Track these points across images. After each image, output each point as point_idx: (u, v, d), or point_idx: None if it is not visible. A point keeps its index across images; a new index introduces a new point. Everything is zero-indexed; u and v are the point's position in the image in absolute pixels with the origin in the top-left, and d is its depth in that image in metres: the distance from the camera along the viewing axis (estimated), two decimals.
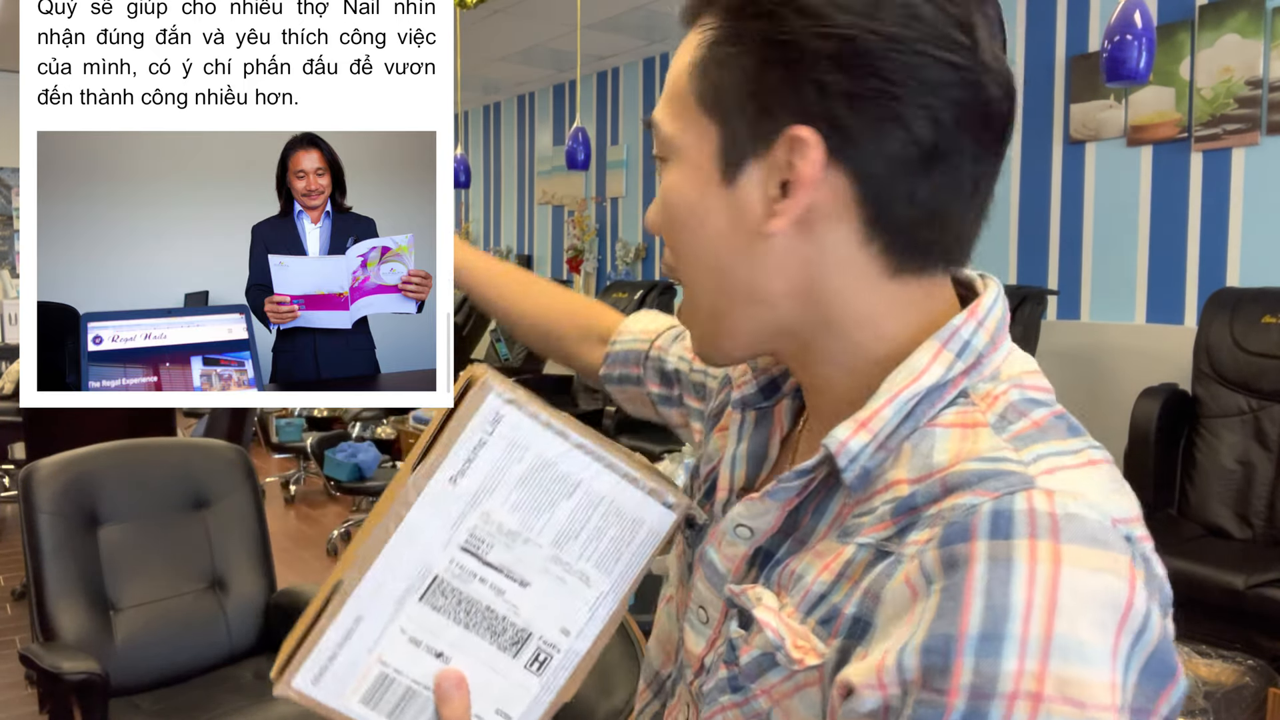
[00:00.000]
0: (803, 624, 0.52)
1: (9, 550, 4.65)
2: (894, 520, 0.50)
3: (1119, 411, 3.36)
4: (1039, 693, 0.41)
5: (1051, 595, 0.42)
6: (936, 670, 0.43)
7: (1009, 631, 0.42)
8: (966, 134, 0.52)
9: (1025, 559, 0.43)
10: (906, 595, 0.46)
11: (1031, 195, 4.13)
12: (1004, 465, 0.47)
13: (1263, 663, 2.44)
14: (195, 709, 2.12)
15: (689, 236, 0.57)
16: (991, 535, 0.44)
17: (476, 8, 5.00)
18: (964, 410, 0.52)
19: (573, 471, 0.55)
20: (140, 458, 2.42)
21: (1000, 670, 0.41)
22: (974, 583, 0.43)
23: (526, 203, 7.68)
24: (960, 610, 0.43)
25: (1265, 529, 2.94)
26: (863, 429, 0.52)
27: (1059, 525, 0.44)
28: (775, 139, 0.52)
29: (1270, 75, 3.36)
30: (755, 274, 0.55)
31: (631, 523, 0.57)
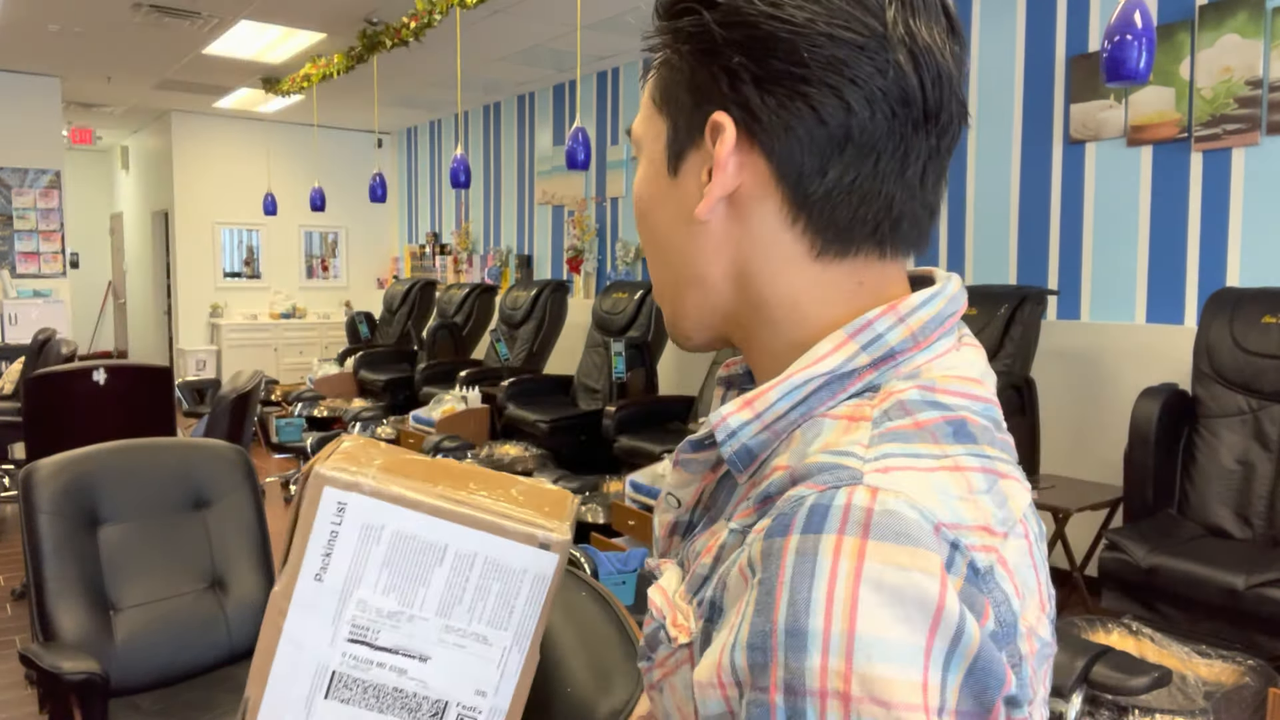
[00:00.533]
0: (689, 603, 0.53)
1: (9, 550, 4.64)
2: (756, 507, 0.50)
3: (1119, 411, 3.36)
4: (846, 692, 0.41)
5: (853, 591, 0.42)
6: (758, 666, 0.43)
7: (811, 627, 0.42)
8: (879, 113, 0.51)
9: (829, 554, 0.43)
10: (739, 583, 0.47)
11: (1031, 195, 4.13)
12: (843, 460, 0.47)
13: (1263, 663, 2.44)
14: (195, 709, 2.12)
15: (646, 226, 0.61)
16: (804, 530, 0.44)
17: (476, 8, 5.00)
18: (858, 404, 0.51)
19: (436, 539, 0.54)
20: (140, 458, 2.42)
21: (805, 666, 0.41)
22: (783, 577, 0.43)
23: (526, 203, 7.67)
24: (772, 605, 0.43)
25: (1265, 529, 2.93)
26: (746, 407, 0.53)
27: (871, 522, 0.43)
28: (703, 128, 0.55)
29: (1270, 75, 3.36)
30: (695, 258, 0.58)
31: (514, 573, 0.55)
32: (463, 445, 4.82)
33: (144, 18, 5.80)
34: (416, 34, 5.40)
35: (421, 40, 5.50)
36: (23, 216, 7.65)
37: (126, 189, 11.06)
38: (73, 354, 5.75)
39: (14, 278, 7.61)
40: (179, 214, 9.08)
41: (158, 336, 10.25)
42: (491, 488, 0.56)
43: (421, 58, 6.21)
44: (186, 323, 9.28)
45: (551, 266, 7.40)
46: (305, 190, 8.61)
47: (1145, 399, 3.11)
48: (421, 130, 9.37)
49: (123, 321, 11.71)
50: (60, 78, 7.62)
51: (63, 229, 7.84)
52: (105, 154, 11.96)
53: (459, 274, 8.43)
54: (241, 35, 6.18)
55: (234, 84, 7.71)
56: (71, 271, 8.15)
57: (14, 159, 7.57)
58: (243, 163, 9.33)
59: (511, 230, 7.90)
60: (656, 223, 0.60)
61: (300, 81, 6.90)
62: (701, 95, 0.55)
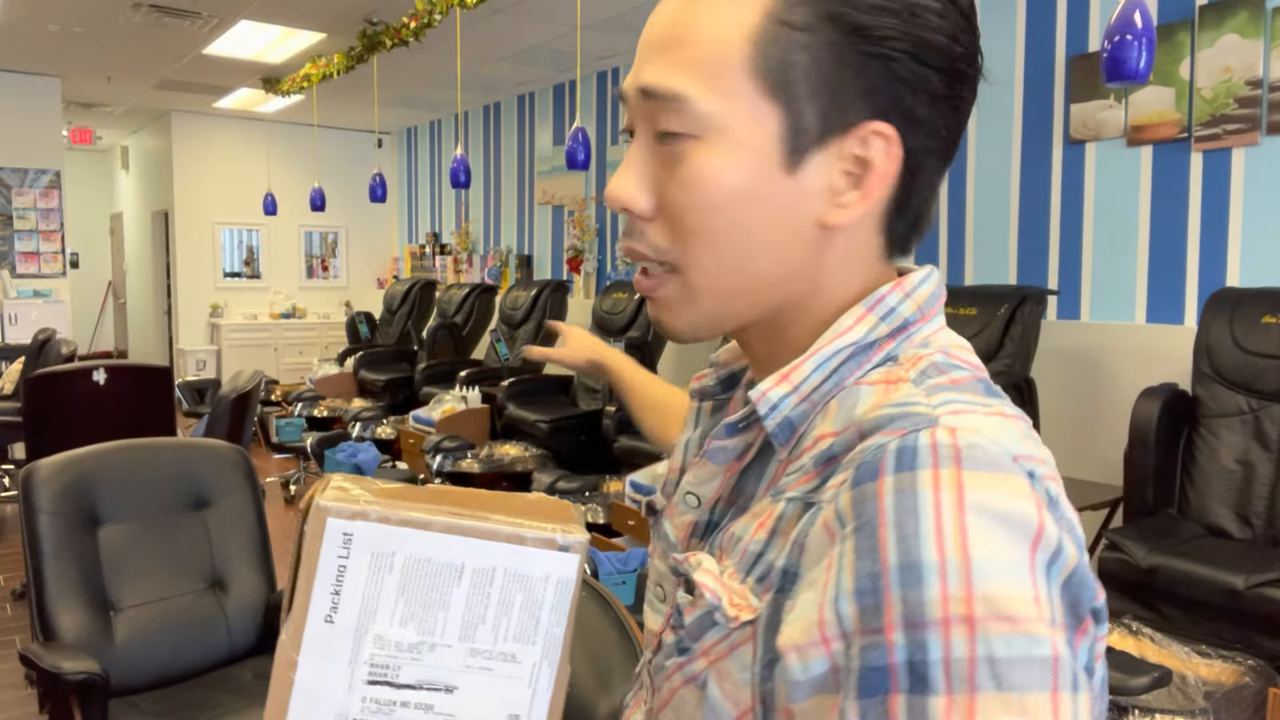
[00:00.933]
0: (742, 584, 0.52)
1: (9, 550, 4.64)
2: (816, 471, 0.51)
3: (1119, 411, 3.36)
4: (970, 615, 0.41)
5: (960, 518, 0.43)
6: (870, 609, 0.43)
7: (925, 559, 0.42)
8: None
9: (929, 487, 0.44)
10: (824, 540, 0.47)
11: (1031, 195, 4.13)
12: (912, 409, 0.49)
13: (1263, 663, 2.44)
14: (195, 709, 2.12)
15: (724, 220, 0.54)
16: (896, 470, 0.45)
17: (476, 8, 5.00)
18: (888, 370, 0.54)
19: (452, 557, 0.50)
20: (140, 458, 2.42)
21: (925, 598, 0.41)
22: (885, 515, 0.44)
23: (526, 203, 7.67)
24: (877, 546, 0.43)
25: (1265, 529, 2.93)
26: (784, 380, 0.54)
27: (961, 454, 0.45)
28: (848, 130, 0.53)
29: (1270, 75, 3.36)
30: (792, 260, 0.55)
31: (536, 581, 0.52)
32: (463, 445, 4.81)
33: (144, 18, 5.80)
34: (416, 34, 5.40)
35: (421, 40, 5.50)
36: (23, 216, 7.65)
37: (126, 189, 11.06)
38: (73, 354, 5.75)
39: (14, 278, 7.61)
40: (179, 214, 9.08)
41: (158, 336, 10.25)
42: (495, 504, 0.54)
43: (421, 58, 6.21)
44: (186, 323, 9.28)
45: (551, 266, 7.40)
46: (305, 190, 8.60)
47: (1145, 399, 3.11)
48: (421, 130, 9.37)
49: (123, 321, 11.71)
50: (60, 78, 7.62)
51: (63, 229, 7.84)
52: (105, 154, 11.96)
53: (459, 274, 8.43)
54: (241, 35, 6.18)
55: (234, 84, 7.71)
56: (71, 271, 8.15)
57: (14, 159, 7.57)
58: (243, 163, 9.33)
59: (511, 230, 7.90)
60: (745, 217, 0.54)
61: (300, 81, 6.90)
62: (852, 95, 0.52)
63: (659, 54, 0.55)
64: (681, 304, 0.58)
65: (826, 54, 0.52)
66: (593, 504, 4.04)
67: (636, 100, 0.56)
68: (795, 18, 0.52)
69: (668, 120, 0.54)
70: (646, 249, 0.57)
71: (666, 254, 0.57)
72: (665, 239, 0.56)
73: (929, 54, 0.52)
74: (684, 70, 0.54)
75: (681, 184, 0.54)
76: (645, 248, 0.57)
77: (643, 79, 0.55)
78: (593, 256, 6.85)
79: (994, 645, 0.41)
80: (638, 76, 0.56)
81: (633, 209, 0.57)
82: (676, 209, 0.55)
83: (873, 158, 0.53)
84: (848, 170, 0.54)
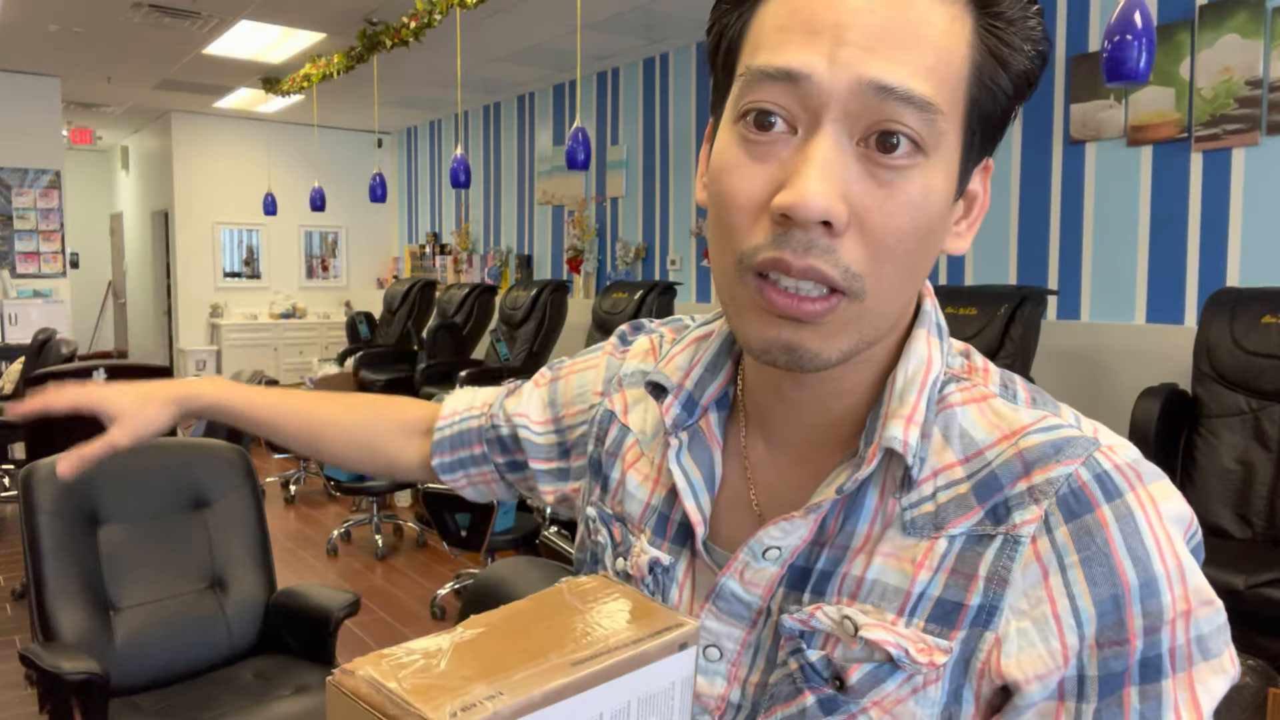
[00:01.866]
0: (909, 628, 0.52)
1: (9, 550, 4.64)
2: (980, 506, 0.52)
3: (1119, 411, 3.36)
4: (1187, 609, 0.49)
5: (1165, 529, 0.49)
6: (1111, 626, 0.48)
7: (1157, 572, 0.48)
8: None
9: (1139, 508, 0.49)
10: (1037, 573, 0.50)
11: (1031, 195, 4.13)
12: (1065, 433, 0.52)
13: (1263, 663, 2.44)
14: (195, 709, 2.12)
15: (925, 246, 0.51)
16: (1107, 499, 0.50)
17: (476, 8, 5.00)
18: (964, 387, 0.57)
19: (589, 713, 0.42)
20: (140, 458, 2.42)
21: (1163, 604, 0.48)
22: (1115, 543, 0.49)
23: (526, 203, 7.67)
24: (1114, 570, 0.48)
25: (1265, 529, 2.93)
26: (911, 424, 0.54)
27: (1139, 473, 0.51)
28: (979, 163, 0.55)
29: (1270, 75, 3.36)
30: (922, 282, 0.57)
31: (664, 693, 0.46)
32: None
33: (144, 18, 5.80)
34: (416, 34, 5.40)
35: (421, 40, 5.50)
36: (23, 216, 7.65)
37: (126, 189, 11.06)
38: (73, 354, 5.75)
39: (14, 278, 7.61)
40: (179, 214, 9.09)
41: (158, 336, 10.24)
42: (561, 617, 0.46)
43: (421, 58, 6.21)
44: (186, 323, 9.28)
45: (551, 266, 7.40)
46: (305, 190, 8.60)
47: (1145, 399, 3.10)
48: (421, 130, 9.37)
49: (123, 321, 11.71)
50: (60, 78, 7.62)
51: (63, 229, 7.84)
52: (105, 154, 11.96)
53: (459, 274, 8.42)
54: (241, 35, 6.18)
55: (234, 84, 7.71)
56: (71, 271, 8.15)
57: (14, 159, 7.57)
58: (243, 163, 9.33)
59: (511, 230, 7.90)
60: (934, 245, 0.53)
61: (300, 81, 6.90)
62: (999, 132, 0.54)
63: (891, 48, 0.48)
64: (843, 330, 0.51)
65: (1009, 95, 0.53)
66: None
67: (855, 93, 0.48)
68: (1001, 55, 0.52)
69: (914, 129, 0.48)
70: (832, 269, 0.49)
71: (855, 277, 0.50)
72: (859, 259, 0.50)
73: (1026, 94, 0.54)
74: (927, 76, 0.48)
75: (904, 204, 0.49)
76: (830, 268, 0.49)
77: (883, 74, 0.48)
78: (593, 256, 6.85)
79: (1201, 625, 0.49)
80: (863, 66, 0.48)
81: (834, 219, 0.48)
82: (885, 230, 0.49)
83: (978, 189, 0.56)
84: (962, 200, 0.56)
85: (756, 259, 0.50)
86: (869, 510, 0.55)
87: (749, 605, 0.57)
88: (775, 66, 0.49)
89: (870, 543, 0.54)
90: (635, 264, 6.44)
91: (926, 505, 0.53)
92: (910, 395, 0.55)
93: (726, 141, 0.52)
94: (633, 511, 0.66)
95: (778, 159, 0.50)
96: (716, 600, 0.58)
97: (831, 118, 0.48)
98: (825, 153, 0.48)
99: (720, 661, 0.58)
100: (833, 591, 0.54)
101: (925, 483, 0.54)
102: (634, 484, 0.66)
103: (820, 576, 0.55)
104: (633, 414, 0.69)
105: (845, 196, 0.48)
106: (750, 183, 0.51)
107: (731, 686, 0.58)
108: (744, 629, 0.58)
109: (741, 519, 0.61)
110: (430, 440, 0.84)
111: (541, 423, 0.77)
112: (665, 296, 5.44)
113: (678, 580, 0.61)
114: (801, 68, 0.48)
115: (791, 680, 0.55)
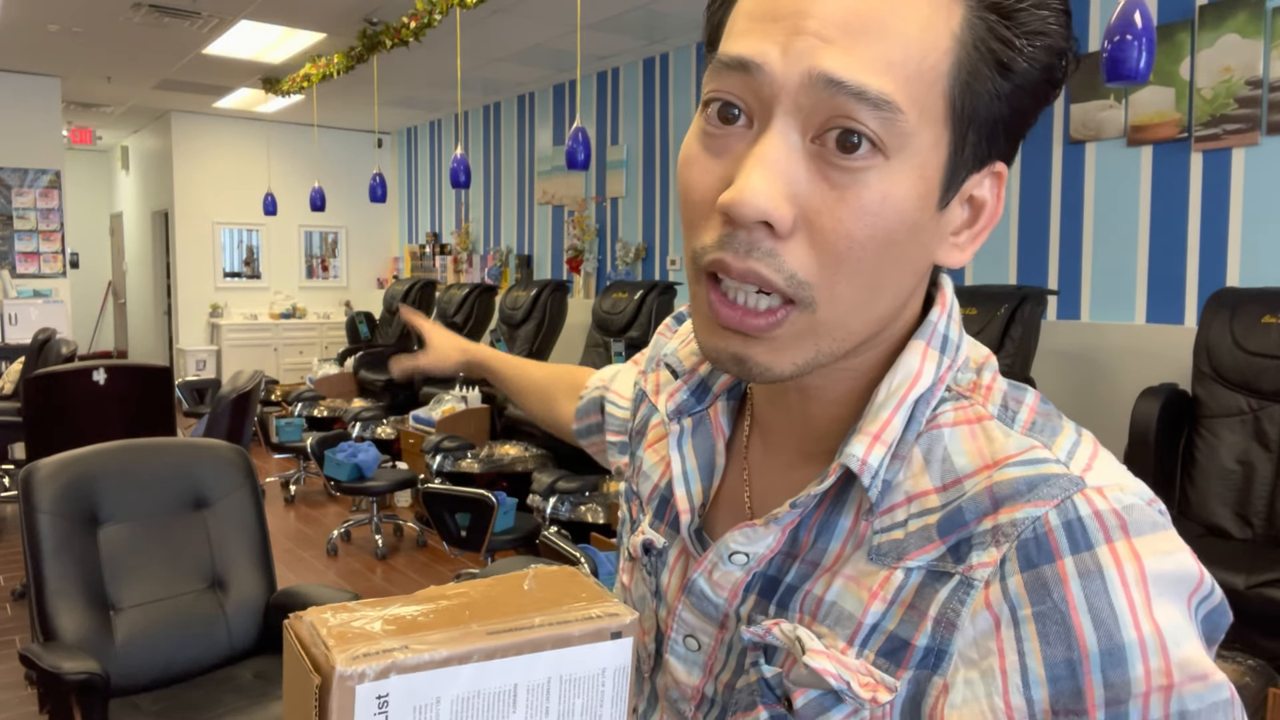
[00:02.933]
0: (859, 658, 0.49)
1: (9, 550, 4.64)
2: (942, 540, 0.48)
3: (1119, 411, 3.36)
4: (1169, 684, 0.42)
5: (1145, 591, 0.43)
6: (1068, 693, 0.43)
7: (1126, 640, 0.42)
8: None
9: (1112, 565, 0.43)
10: (988, 621, 0.45)
11: (1031, 195, 4.13)
12: (1046, 469, 0.46)
13: (1263, 663, 2.44)
14: (195, 709, 2.12)
15: (886, 256, 0.47)
16: (1073, 550, 0.44)
17: (476, 8, 5.00)
18: (960, 406, 0.52)
19: (501, 684, 0.44)
20: (140, 458, 2.42)
21: (1131, 677, 0.42)
22: (1075, 602, 0.43)
23: (526, 203, 7.67)
24: (1072, 632, 0.43)
25: (1265, 529, 2.93)
26: (878, 443, 0.50)
27: (1126, 523, 0.44)
28: (981, 169, 0.50)
29: (1270, 75, 3.36)
30: (903, 298, 0.52)
31: (593, 680, 0.47)
32: (463, 445, 4.81)
33: (144, 18, 5.80)
34: (416, 34, 5.40)
35: (421, 40, 5.50)
36: (23, 216, 7.65)
37: (126, 189, 11.06)
38: (73, 354, 5.75)
39: (14, 278, 7.61)
40: (179, 214, 9.09)
41: (158, 336, 10.24)
42: (507, 596, 0.47)
43: (421, 58, 6.21)
44: (186, 323, 9.28)
45: (551, 266, 7.40)
46: (305, 190, 8.60)
47: (1145, 399, 3.11)
48: (421, 130, 9.37)
49: (123, 321, 11.71)
50: (60, 78, 7.62)
51: (63, 229, 7.84)
52: (105, 154, 11.96)
53: (459, 274, 8.43)
54: (241, 35, 6.18)
55: (234, 84, 7.71)
56: (71, 271, 8.15)
57: (14, 159, 7.57)
58: (243, 163, 9.33)
59: (511, 230, 7.90)
60: (900, 255, 0.48)
61: (300, 81, 6.90)
62: (1002, 138, 0.49)
63: (850, 39, 0.44)
64: (795, 343, 0.49)
65: (1013, 100, 0.48)
66: (593, 504, 4.04)
67: (807, 86, 0.45)
68: (1000, 56, 0.47)
69: (869, 128, 0.45)
70: (774, 274, 0.46)
71: (801, 285, 0.47)
72: (805, 266, 0.47)
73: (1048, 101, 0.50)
74: (888, 71, 0.45)
75: (857, 209, 0.45)
76: (773, 273, 0.46)
77: (836, 67, 0.44)
78: (593, 256, 6.85)
79: (1186, 702, 0.42)
80: (815, 57, 0.44)
81: (775, 221, 0.45)
82: (835, 235, 0.46)
83: (986, 197, 0.51)
84: (962, 209, 0.51)
85: (704, 260, 0.48)
86: (842, 529, 0.52)
87: (717, 606, 0.57)
88: (731, 55, 0.47)
89: (839, 563, 0.51)
90: (635, 264, 6.44)
91: (896, 532, 0.49)
92: (885, 411, 0.51)
93: (691, 134, 0.50)
94: (644, 491, 0.66)
95: (732, 154, 0.47)
96: (689, 594, 0.58)
97: (782, 110, 0.46)
98: (772, 149, 0.45)
99: (699, 653, 0.58)
100: (795, 607, 0.52)
101: (899, 508, 0.50)
102: (649, 464, 0.66)
103: (786, 590, 0.53)
104: (663, 394, 0.67)
105: (792, 197, 0.45)
106: (705, 178, 0.48)
107: (706, 679, 0.58)
108: (715, 627, 0.57)
109: (734, 515, 0.60)
110: (574, 405, 0.89)
111: (625, 399, 0.79)
112: (665, 296, 5.44)
113: (669, 564, 0.61)
114: (755, 57, 0.45)
115: (750, 690, 0.54)
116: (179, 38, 6.27)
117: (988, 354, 0.55)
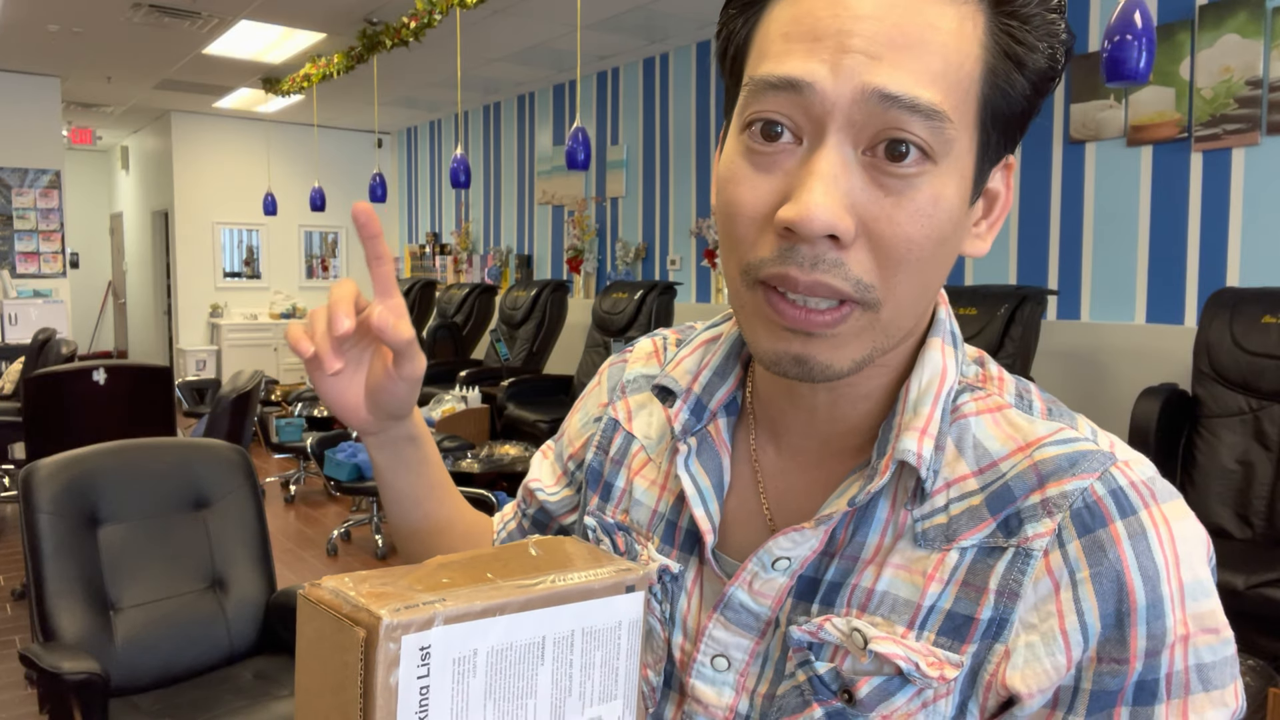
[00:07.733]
0: (919, 640, 0.51)
1: (9, 550, 4.64)
2: (993, 517, 0.52)
3: (1119, 411, 3.36)
4: (1186, 634, 0.48)
5: (1175, 550, 0.49)
6: (1113, 642, 0.48)
7: (1164, 592, 0.48)
8: None
9: (1152, 527, 0.49)
10: (1048, 587, 0.50)
11: (1031, 195, 4.13)
12: (1082, 445, 0.52)
13: (1263, 663, 2.44)
14: (195, 709, 2.12)
15: (938, 253, 0.50)
16: (1121, 515, 0.49)
17: (476, 8, 5.00)
18: (978, 396, 0.56)
19: (531, 637, 0.45)
20: (140, 458, 2.42)
21: (1166, 626, 0.48)
22: (1127, 559, 0.48)
23: (526, 203, 7.67)
24: (1124, 588, 0.48)
25: (1265, 529, 2.93)
26: (925, 436, 0.53)
27: (1154, 491, 0.50)
28: (998, 162, 0.54)
29: (1270, 75, 3.36)
30: (939, 288, 0.56)
31: (610, 632, 0.48)
32: (463, 445, 4.81)
33: (144, 18, 5.80)
34: (416, 34, 5.40)
35: (421, 40, 5.50)
36: (23, 216, 7.65)
37: (126, 189, 11.06)
38: (73, 354, 5.75)
39: (14, 278, 7.61)
40: (179, 214, 9.09)
41: (158, 336, 10.25)
42: (518, 559, 0.49)
43: (421, 58, 6.21)
44: (186, 323, 9.28)
45: (551, 266, 7.40)
46: (305, 190, 8.60)
47: (1145, 399, 3.11)
48: (421, 130, 9.38)
49: (123, 321, 11.71)
50: (60, 78, 7.62)
51: (63, 229, 7.84)
52: (105, 154, 11.96)
53: (459, 274, 8.43)
54: (241, 35, 6.18)
55: (234, 84, 7.71)
56: (71, 271, 8.16)
57: (14, 159, 7.57)
58: (243, 163, 9.33)
59: (511, 230, 7.90)
60: (948, 251, 0.51)
61: (300, 81, 6.90)
62: (1018, 132, 0.53)
63: (897, 54, 0.47)
64: (855, 339, 0.51)
65: (1028, 94, 0.51)
66: None
67: (859, 101, 0.47)
68: (1018, 53, 0.50)
69: (921, 138, 0.47)
70: (842, 283, 0.49)
71: (867, 288, 0.49)
72: (868, 271, 0.49)
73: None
74: (934, 83, 0.47)
75: (913, 213, 0.48)
76: (840, 281, 0.49)
77: (887, 82, 0.47)
78: (593, 256, 6.85)
79: (1202, 654, 0.48)
80: (867, 73, 0.47)
81: (840, 233, 0.48)
82: (895, 239, 0.48)
83: (999, 188, 0.55)
84: (981, 200, 0.55)
85: (762, 273, 0.50)
86: (880, 521, 0.54)
87: (758, 616, 0.57)
88: (778, 76, 0.48)
89: (881, 554, 0.54)
90: (635, 264, 6.44)
91: (939, 517, 0.53)
92: (924, 406, 0.54)
93: (733, 151, 0.52)
94: (640, 519, 0.65)
95: (783, 170, 0.49)
96: (725, 610, 0.58)
97: (836, 127, 0.48)
98: (830, 164, 0.47)
99: (728, 671, 0.58)
100: (842, 603, 0.54)
101: (938, 494, 0.53)
102: (641, 490, 0.65)
103: (829, 588, 0.55)
104: (637, 420, 0.68)
105: (852, 208, 0.48)
106: (755, 194, 0.50)
107: (740, 697, 0.57)
108: (753, 639, 0.57)
109: (751, 527, 0.60)
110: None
111: (555, 480, 0.75)
112: (665, 296, 5.44)
113: (686, 588, 0.61)
114: (804, 77, 0.47)
115: (799, 692, 0.55)
116: (179, 38, 6.27)
117: (975, 349, 0.61)
